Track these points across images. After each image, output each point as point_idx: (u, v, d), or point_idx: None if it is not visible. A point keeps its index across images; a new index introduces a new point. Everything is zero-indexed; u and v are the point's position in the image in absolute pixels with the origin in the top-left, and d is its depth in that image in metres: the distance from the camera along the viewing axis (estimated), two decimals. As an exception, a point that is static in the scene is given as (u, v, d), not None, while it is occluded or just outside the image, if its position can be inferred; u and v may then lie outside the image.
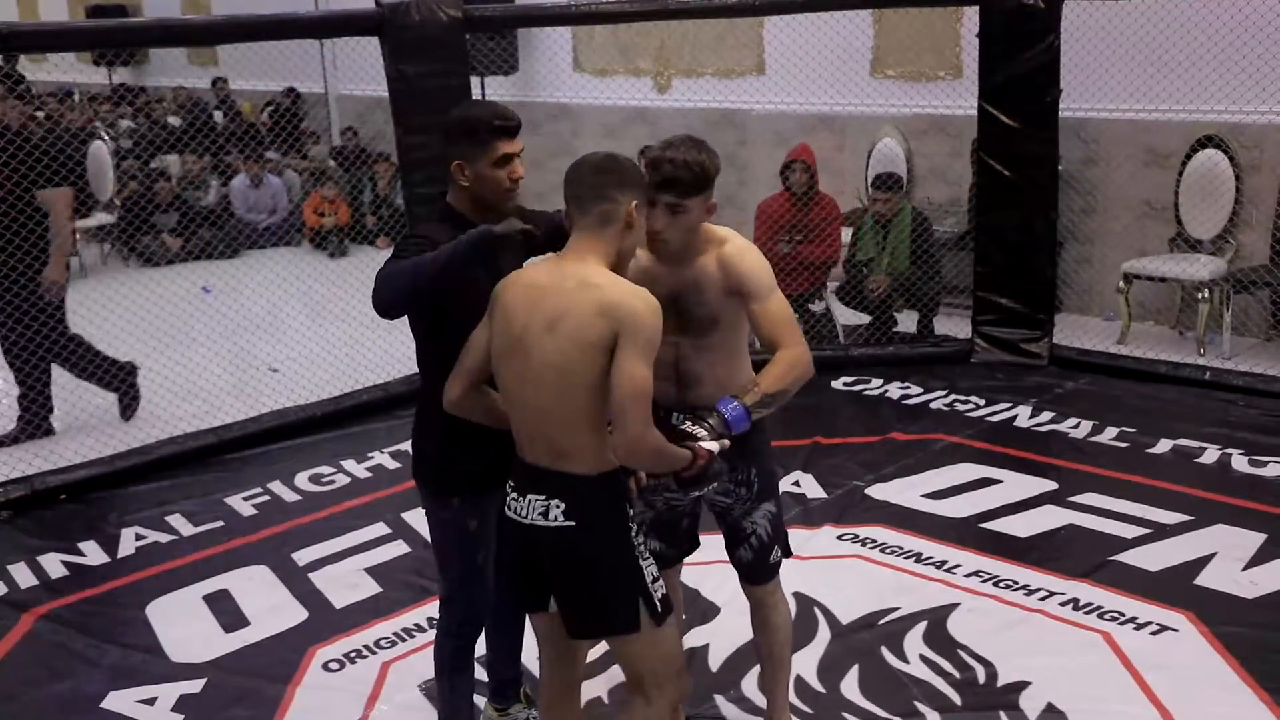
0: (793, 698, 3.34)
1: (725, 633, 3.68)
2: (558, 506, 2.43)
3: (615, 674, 3.47)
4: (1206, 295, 6.21)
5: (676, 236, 2.73)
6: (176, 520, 4.76)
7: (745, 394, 2.71)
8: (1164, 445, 5.07)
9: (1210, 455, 4.94)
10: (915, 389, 5.94)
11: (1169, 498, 4.54)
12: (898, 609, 3.81)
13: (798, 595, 3.89)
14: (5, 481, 4.96)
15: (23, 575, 4.33)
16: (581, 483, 2.43)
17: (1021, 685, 3.37)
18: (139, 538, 4.62)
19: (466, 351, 2.57)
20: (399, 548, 4.43)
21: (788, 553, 3.07)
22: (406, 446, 5.37)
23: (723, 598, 3.88)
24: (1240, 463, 4.85)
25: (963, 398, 5.77)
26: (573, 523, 2.42)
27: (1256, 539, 4.17)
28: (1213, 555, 4.07)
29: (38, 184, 5.35)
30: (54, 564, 4.41)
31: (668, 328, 2.49)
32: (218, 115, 12.00)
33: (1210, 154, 6.40)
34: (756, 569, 3.02)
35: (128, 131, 11.81)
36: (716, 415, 2.63)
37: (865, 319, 6.71)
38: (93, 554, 4.50)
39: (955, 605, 3.83)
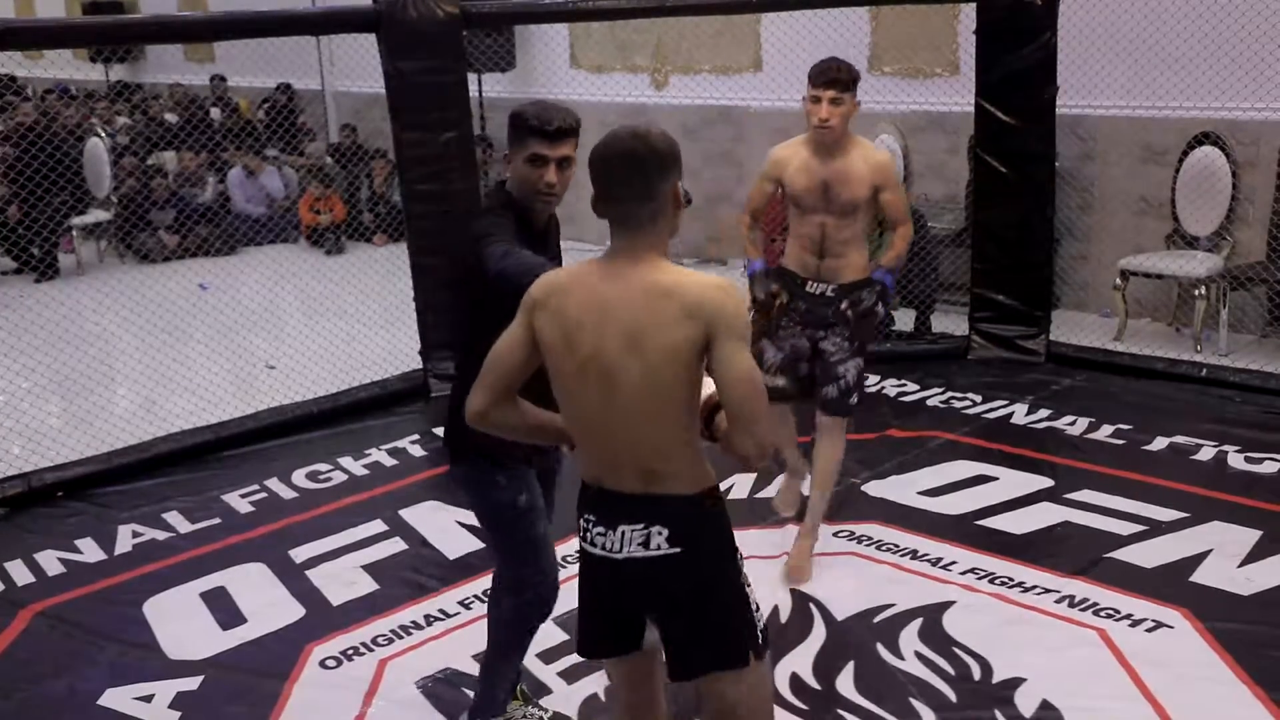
0: (788, 694, 3.35)
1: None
2: (660, 533, 2.19)
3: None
4: (1203, 292, 6.22)
5: (838, 123, 3.81)
6: (174, 517, 4.76)
7: (886, 263, 3.94)
8: (1160, 442, 5.07)
9: (1207, 452, 4.95)
10: (912, 386, 5.95)
11: (1165, 494, 4.54)
12: (893, 605, 3.82)
13: (794, 592, 3.91)
14: (2, 479, 4.96)
15: (19, 572, 4.33)
16: (683, 504, 2.21)
17: (1017, 682, 3.38)
18: (136, 535, 4.62)
19: (495, 363, 2.28)
20: (396, 545, 4.43)
21: (861, 403, 4.05)
22: (403, 443, 5.43)
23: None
24: (1236, 460, 4.86)
25: (959, 395, 5.78)
26: (678, 549, 2.19)
27: (1252, 536, 4.17)
28: (1208, 552, 4.07)
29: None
30: (51, 561, 4.41)
31: (816, 209, 3.83)
32: (215, 112, 11.98)
33: (1207, 151, 6.40)
34: (837, 404, 3.99)
35: (124, 128, 11.80)
36: (877, 285, 3.91)
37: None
38: (90, 551, 4.50)
39: (951, 602, 3.83)
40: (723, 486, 4.62)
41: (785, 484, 4.44)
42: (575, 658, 3.55)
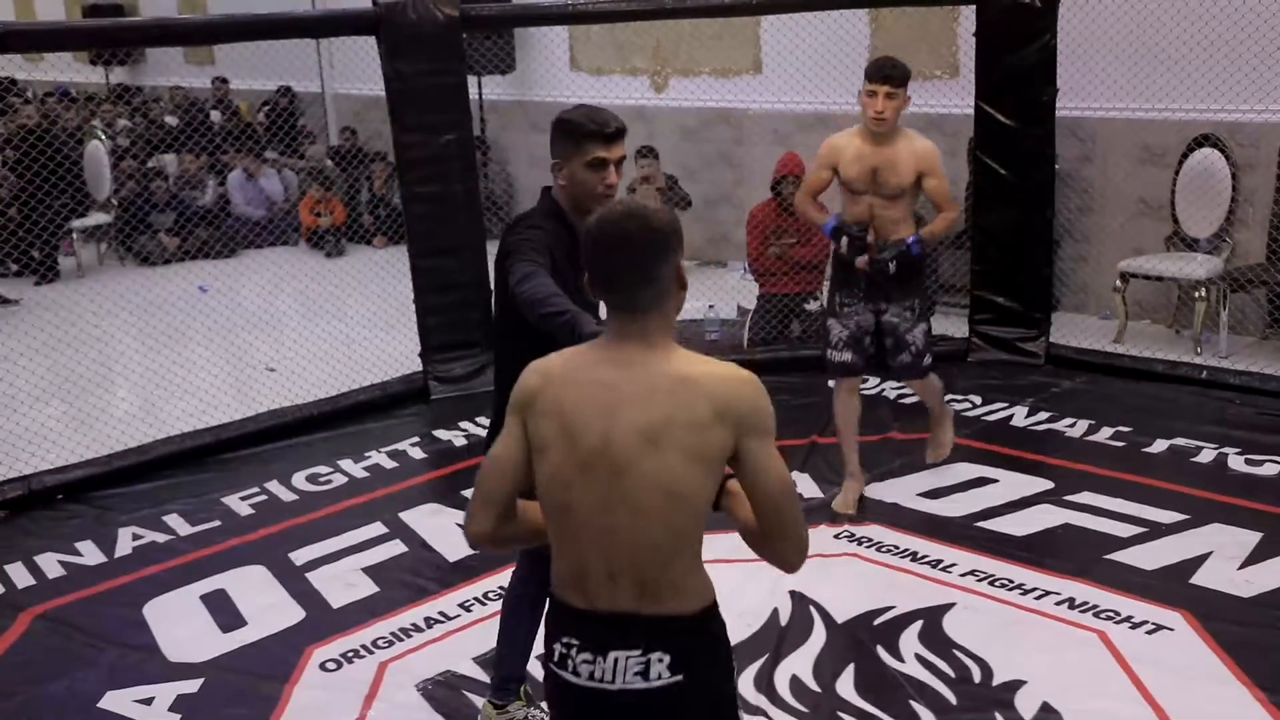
0: (788, 696, 3.35)
1: (722, 632, 3.68)
2: (660, 660, 1.95)
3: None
4: (1203, 294, 6.22)
5: (891, 116, 4.25)
6: (174, 520, 4.76)
7: (923, 233, 4.43)
8: (1160, 444, 5.07)
9: (1207, 454, 4.95)
10: (908, 390, 5.94)
11: (1165, 497, 4.54)
12: (894, 608, 3.82)
13: (794, 594, 3.91)
14: (2, 481, 4.96)
15: (20, 575, 4.33)
16: (686, 625, 1.99)
17: (1017, 684, 3.38)
18: (136, 537, 4.62)
19: (492, 477, 2.05)
20: (396, 547, 4.43)
21: (933, 362, 4.57)
22: (403, 446, 5.44)
23: (720, 596, 3.87)
24: (1237, 462, 4.85)
25: (959, 397, 5.77)
26: (680, 677, 1.96)
27: (1252, 538, 4.17)
28: (1208, 554, 4.07)
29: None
30: (51, 564, 4.41)
31: (866, 191, 4.31)
32: (215, 115, 11.98)
33: (1207, 153, 6.41)
34: (912, 368, 4.53)
35: (125, 131, 11.80)
36: (904, 246, 4.33)
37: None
38: (90, 554, 4.50)
39: (951, 604, 3.83)
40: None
41: (846, 486, 4.63)
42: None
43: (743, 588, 3.93)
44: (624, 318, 1.98)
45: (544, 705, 3.26)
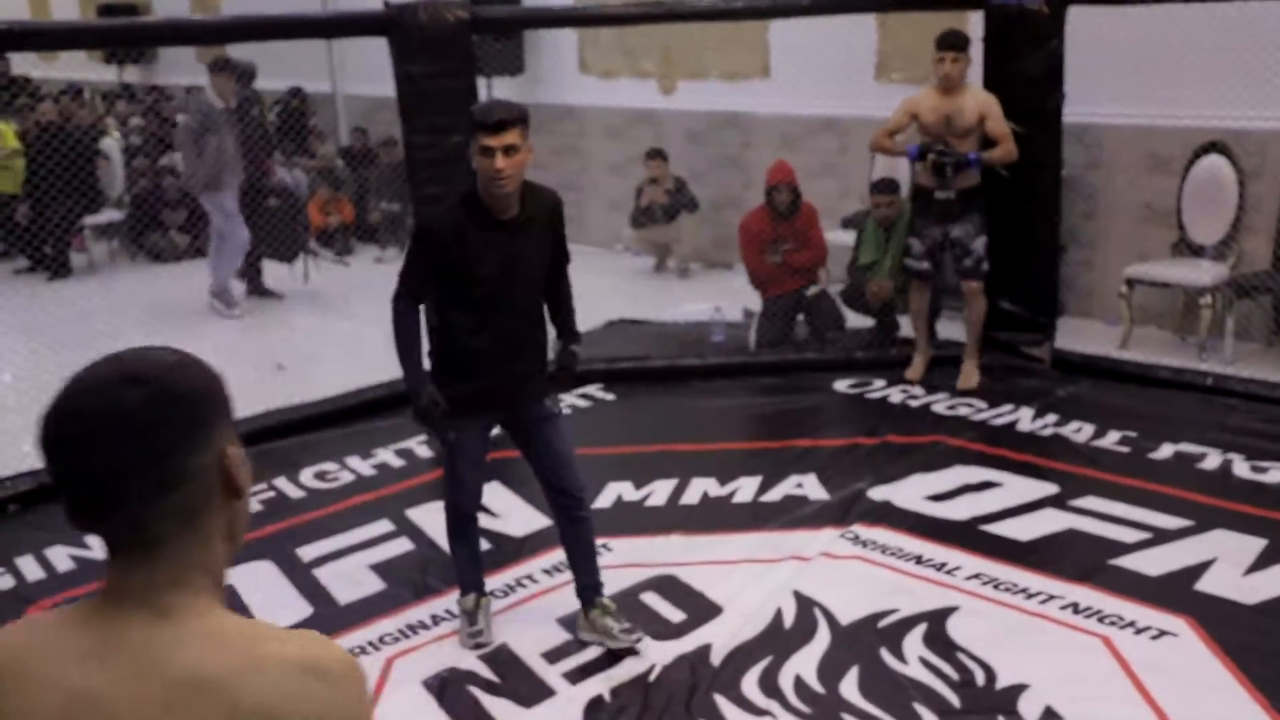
0: (792, 697, 3.37)
1: (727, 632, 3.70)
2: None
3: (615, 674, 3.51)
4: (1209, 300, 6.22)
5: (957, 75, 5.56)
6: (182, 516, 4.77)
7: (985, 154, 5.62)
8: (1165, 450, 5.08)
9: (1212, 460, 4.95)
10: (917, 391, 5.96)
11: (1170, 502, 4.55)
12: (897, 610, 3.83)
13: (798, 595, 3.92)
14: (13, 475, 4.99)
15: (30, 568, 4.36)
16: None
17: (1020, 689, 3.39)
18: (145, 533, 4.63)
19: None
20: (403, 544, 4.45)
21: (990, 267, 5.79)
22: (411, 444, 5.46)
23: (724, 597, 3.90)
24: (1242, 468, 4.86)
25: (965, 401, 5.79)
26: None
27: (1257, 544, 4.17)
28: (1213, 560, 4.07)
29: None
30: (61, 557, 4.44)
31: (940, 135, 5.61)
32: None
33: (1213, 160, 6.41)
34: (973, 271, 5.79)
35: (137, 129, 11.85)
36: (965, 156, 5.58)
37: (869, 322, 6.74)
38: (99, 548, 4.50)
39: (955, 608, 3.84)
40: (727, 489, 4.65)
41: (915, 361, 6.08)
42: (579, 658, 3.59)
43: (746, 590, 3.96)
44: (121, 561, 1.21)
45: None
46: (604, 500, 4.67)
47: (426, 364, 3.54)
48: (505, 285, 3.40)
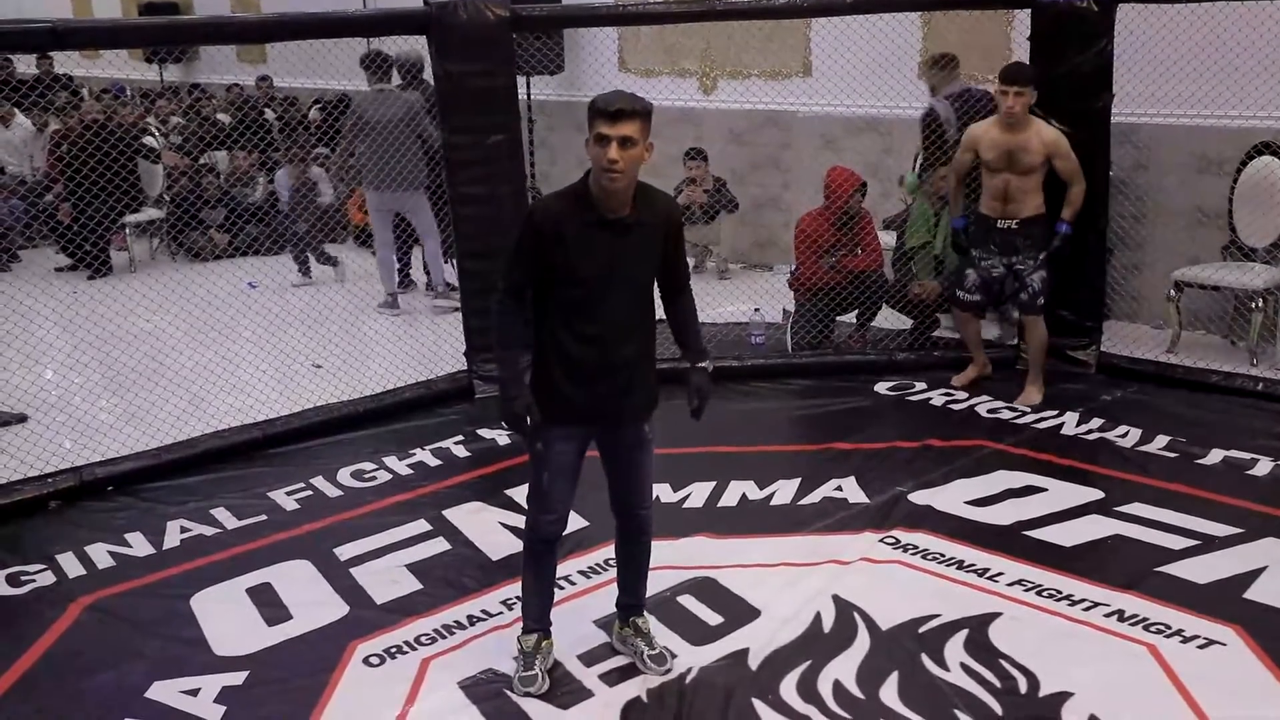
0: (831, 702, 3.32)
1: (764, 636, 3.66)
2: None
3: (652, 677, 3.47)
4: (1260, 304, 6.11)
5: (1021, 110, 5.42)
6: (221, 513, 4.80)
7: (1066, 217, 5.59)
8: (1215, 456, 4.98)
9: (1262, 467, 4.86)
10: (960, 395, 5.89)
11: (1219, 509, 4.46)
12: (939, 616, 3.77)
13: (837, 599, 3.88)
14: (55, 472, 5.03)
15: (71, 565, 4.39)
16: None
17: (1064, 696, 3.33)
18: (184, 530, 4.66)
19: None
20: (439, 545, 4.44)
21: (1047, 302, 5.69)
22: (448, 444, 5.46)
23: (762, 600, 3.86)
24: (1292, 475, 4.77)
25: (1008, 405, 5.71)
26: None
27: (1309, 553, 4.09)
28: (1263, 569, 3.99)
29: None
30: (101, 554, 4.47)
31: (1002, 170, 5.48)
32: (269, 113, 12.09)
33: (1266, 161, 6.29)
34: (1028, 305, 5.68)
35: (177, 128, 11.96)
36: (1060, 234, 5.61)
37: (908, 323, 6.67)
38: (139, 545, 4.55)
39: (997, 614, 3.78)
40: (766, 491, 4.59)
41: (968, 371, 6.04)
42: (616, 660, 3.56)
43: (784, 593, 3.92)
44: None
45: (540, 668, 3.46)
46: (641, 501, 4.63)
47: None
48: (606, 288, 3.18)
